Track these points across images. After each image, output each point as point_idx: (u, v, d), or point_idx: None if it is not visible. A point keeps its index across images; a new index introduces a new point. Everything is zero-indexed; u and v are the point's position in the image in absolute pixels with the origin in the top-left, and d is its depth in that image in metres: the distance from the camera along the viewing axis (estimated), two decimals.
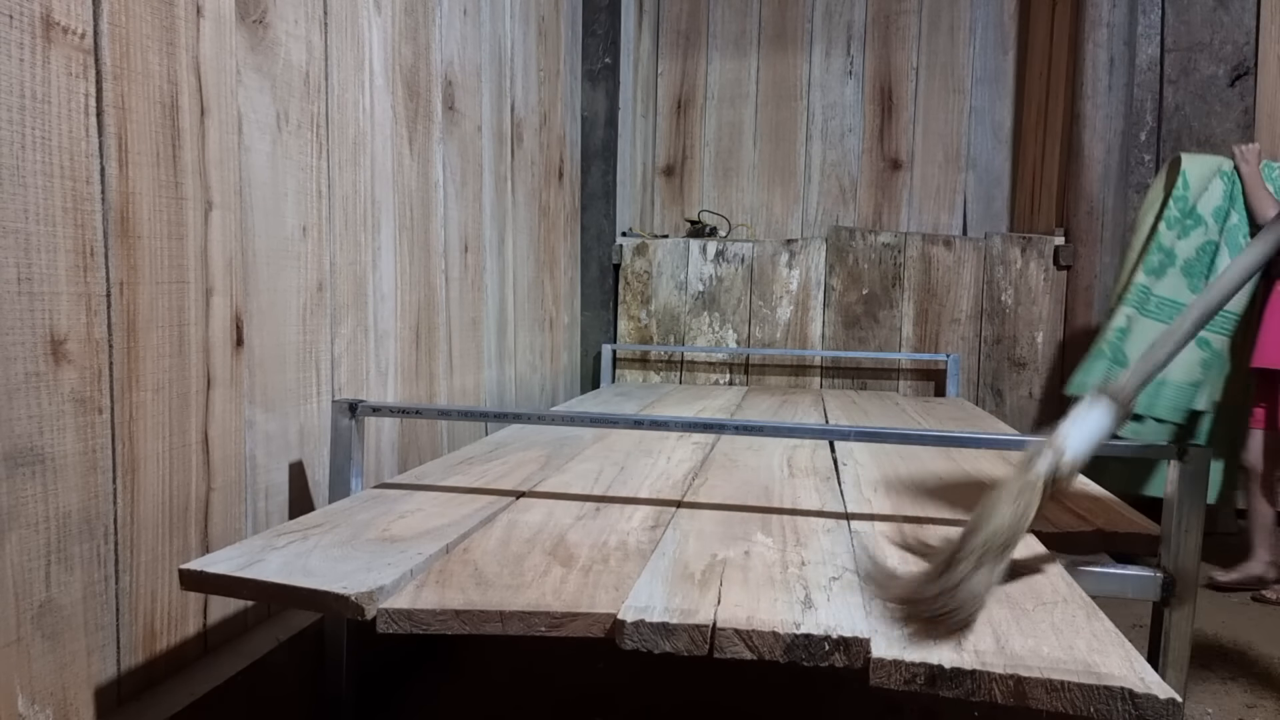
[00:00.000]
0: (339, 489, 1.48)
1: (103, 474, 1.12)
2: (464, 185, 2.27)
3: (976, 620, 0.92)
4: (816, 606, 0.96)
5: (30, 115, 1.00)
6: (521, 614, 0.95)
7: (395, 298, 1.90)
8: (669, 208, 4.04)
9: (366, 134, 1.76)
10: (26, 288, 1.00)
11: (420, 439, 2.02)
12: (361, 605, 0.94)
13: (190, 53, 1.26)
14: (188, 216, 1.26)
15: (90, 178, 1.09)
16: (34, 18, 1.00)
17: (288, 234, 1.50)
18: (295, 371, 1.53)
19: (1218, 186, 2.56)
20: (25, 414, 1.00)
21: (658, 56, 3.99)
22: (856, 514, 1.39)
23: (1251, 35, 3.19)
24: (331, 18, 1.62)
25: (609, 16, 3.37)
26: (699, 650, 0.90)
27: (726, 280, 3.43)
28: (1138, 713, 0.79)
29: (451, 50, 2.16)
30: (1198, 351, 2.50)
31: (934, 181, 3.78)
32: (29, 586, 1.01)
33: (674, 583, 1.03)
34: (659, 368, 3.54)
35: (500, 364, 2.57)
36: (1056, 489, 1.03)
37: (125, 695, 1.16)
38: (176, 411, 1.25)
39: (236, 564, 1.04)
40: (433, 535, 1.19)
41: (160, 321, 1.21)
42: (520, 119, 2.69)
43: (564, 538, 1.22)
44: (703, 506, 1.42)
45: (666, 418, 1.47)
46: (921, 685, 0.84)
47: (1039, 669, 0.83)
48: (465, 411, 1.61)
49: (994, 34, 3.72)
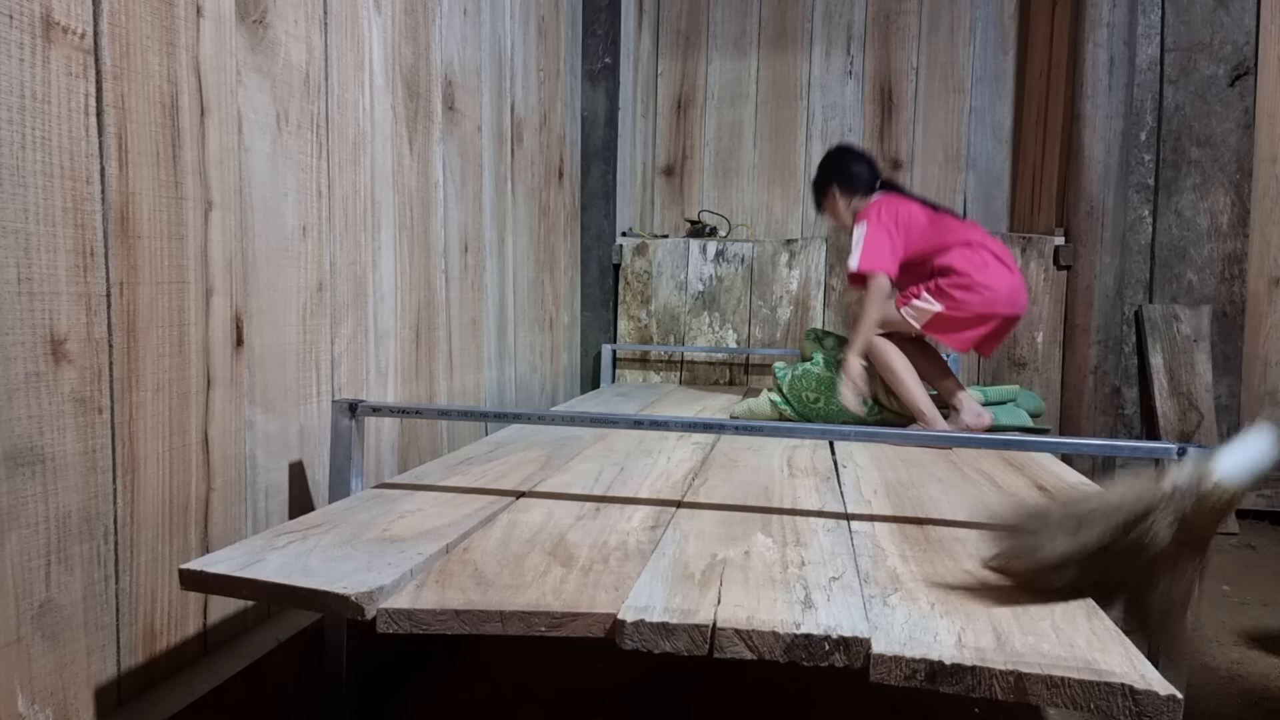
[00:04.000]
0: (339, 489, 1.48)
1: (103, 474, 1.12)
2: (464, 185, 2.27)
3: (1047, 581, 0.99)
4: (816, 606, 0.96)
5: (30, 115, 1.00)
6: (521, 614, 0.95)
7: (395, 298, 1.90)
8: (669, 208, 4.04)
9: (366, 134, 1.76)
10: (26, 288, 1.00)
11: (420, 439, 2.02)
12: (361, 605, 0.94)
13: (190, 53, 1.26)
14: (188, 216, 1.26)
15: (90, 178, 1.09)
16: (34, 18, 1.00)
17: (288, 234, 1.50)
18: (295, 371, 1.53)
19: None
20: (25, 414, 1.00)
21: (658, 56, 3.99)
22: (856, 514, 1.39)
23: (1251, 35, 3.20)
24: (331, 18, 1.62)
25: (609, 16, 3.37)
26: (699, 650, 0.91)
27: (726, 280, 3.43)
28: (1138, 709, 0.79)
29: (451, 50, 2.16)
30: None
31: (934, 181, 3.78)
32: (29, 586, 1.02)
33: (674, 583, 1.03)
34: (659, 368, 3.54)
35: (500, 364, 2.57)
36: (1198, 506, 0.95)
37: (125, 695, 1.16)
38: (176, 411, 1.25)
39: (236, 564, 1.04)
40: (433, 535, 1.19)
41: (160, 321, 1.21)
42: (520, 119, 2.69)
43: (564, 538, 1.22)
44: (703, 506, 1.42)
45: (666, 418, 1.47)
46: (922, 681, 0.84)
47: (1039, 665, 0.83)
48: (465, 411, 1.61)
49: (994, 34, 3.72)
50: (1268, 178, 3.23)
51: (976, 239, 2.19)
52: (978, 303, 2.13)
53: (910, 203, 2.28)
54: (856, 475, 1.69)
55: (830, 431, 1.66)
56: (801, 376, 2.38)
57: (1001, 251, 2.20)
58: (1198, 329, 3.23)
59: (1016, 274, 2.22)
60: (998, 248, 2.20)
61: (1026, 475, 1.71)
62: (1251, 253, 3.24)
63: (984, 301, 2.13)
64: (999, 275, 2.15)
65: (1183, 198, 3.29)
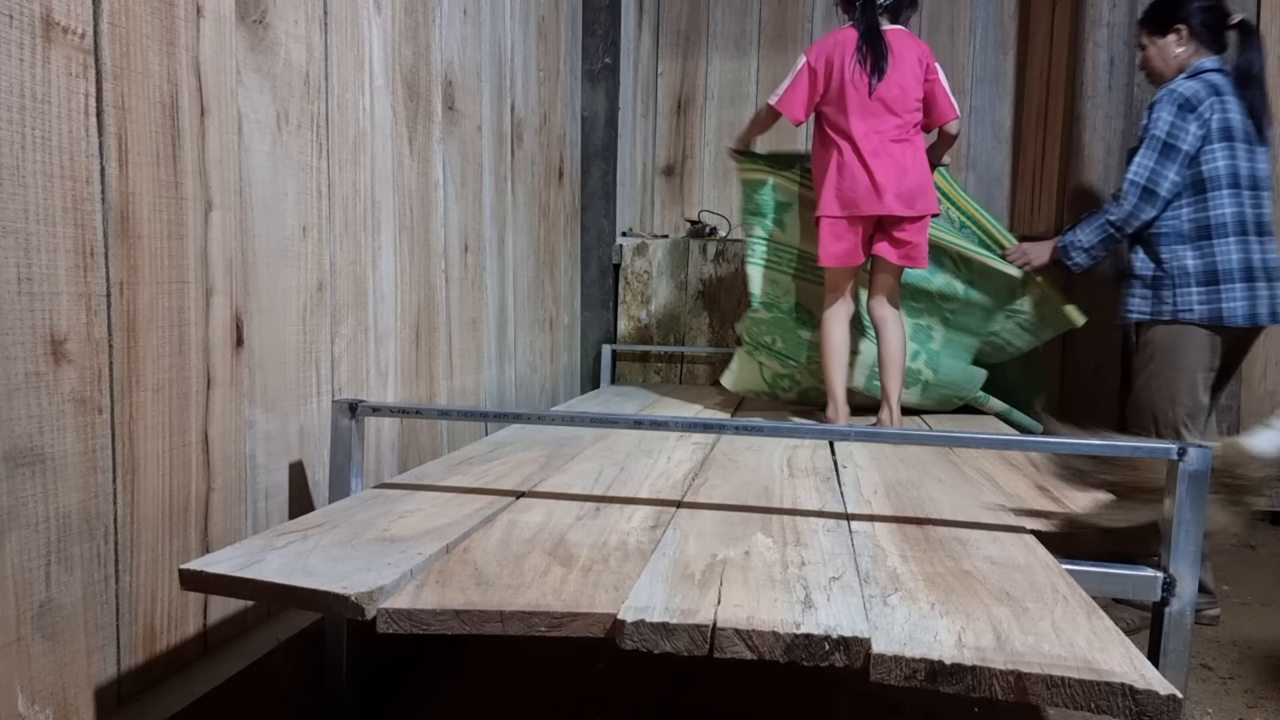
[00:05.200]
0: (339, 489, 1.48)
1: (103, 474, 1.12)
2: (464, 185, 2.27)
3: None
4: (816, 606, 0.96)
5: (30, 115, 1.00)
6: (521, 614, 0.95)
7: (395, 298, 1.90)
8: (669, 208, 4.04)
9: (366, 134, 1.76)
10: (26, 288, 1.00)
11: (420, 439, 2.02)
12: (361, 605, 0.94)
13: (190, 53, 1.26)
14: (188, 216, 1.26)
15: (90, 178, 1.09)
16: (34, 18, 1.00)
17: (288, 234, 1.50)
18: (295, 371, 1.53)
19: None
20: (25, 414, 1.00)
21: (658, 56, 3.99)
22: (856, 514, 1.39)
23: None
24: (331, 18, 1.62)
25: (609, 16, 3.37)
26: (699, 650, 0.90)
27: (726, 280, 3.43)
28: (1138, 708, 0.79)
29: (451, 50, 2.16)
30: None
31: None
32: (29, 586, 1.02)
33: (674, 583, 1.03)
34: (659, 368, 3.54)
35: (500, 364, 2.57)
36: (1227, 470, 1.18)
37: (125, 695, 1.16)
38: (176, 411, 1.25)
39: (236, 564, 1.04)
40: (433, 535, 1.19)
41: (160, 321, 1.21)
42: (520, 119, 2.69)
43: (564, 538, 1.22)
44: (703, 506, 1.42)
45: (666, 418, 1.47)
46: (922, 681, 0.84)
47: (1039, 665, 0.83)
48: (465, 411, 1.61)
49: (994, 34, 3.72)
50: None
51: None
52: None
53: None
54: (856, 475, 1.69)
55: (830, 431, 1.66)
56: (750, 325, 2.45)
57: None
58: None
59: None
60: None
61: (1026, 475, 1.71)
62: None
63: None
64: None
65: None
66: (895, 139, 2.13)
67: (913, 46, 2.18)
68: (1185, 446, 1.24)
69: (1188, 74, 2.10)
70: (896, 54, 2.14)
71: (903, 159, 2.13)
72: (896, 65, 2.14)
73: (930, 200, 2.16)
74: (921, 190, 2.14)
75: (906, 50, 2.16)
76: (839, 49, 2.17)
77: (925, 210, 2.15)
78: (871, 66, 2.13)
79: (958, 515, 1.40)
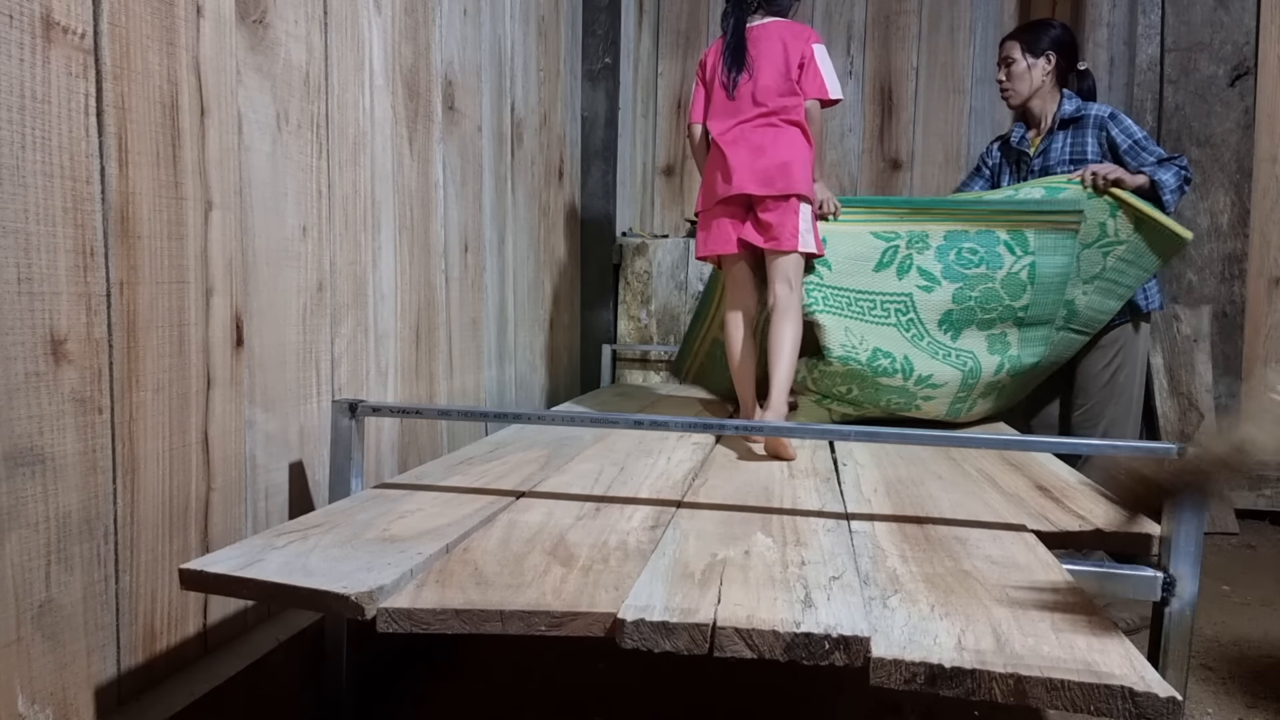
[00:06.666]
0: (339, 489, 1.48)
1: (103, 474, 1.12)
2: (464, 185, 2.27)
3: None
4: (816, 606, 0.96)
5: (30, 115, 1.00)
6: (521, 613, 0.95)
7: (395, 298, 1.90)
8: (669, 208, 4.04)
9: (366, 134, 1.76)
10: (26, 288, 1.00)
11: (420, 439, 2.02)
12: (361, 605, 0.94)
13: (190, 53, 1.26)
14: (188, 216, 1.26)
15: (90, 178, 1.09)
16: (34, 18, 1.00)
17: (288, 234, 1.50)
18: (295, 371, 1.53)
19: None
20: (25, 414, 1.00)
21: (658, 56, 3.99)
22: (856, 514, 1.39)
23: (1251, 35, 3.19)
24: (331, 18, 1.62)
25: (609, 16, 3.37)
26: (699, 649, 0.90)
27: None
28: (1138, 711, 0.79)
29: (451, 50, 2.16)
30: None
31: (934, 181, 3.78)
32: (29, 586, 1.02)
33: (674, 582, 1.03)
34: (659, 368, 3.53)
35: (500, 364, 2.57)
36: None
37: (125, 695, 1.16)
38: (176, 411, 1.25)
39: (236, 564, 1.04)
40: (433, 535, 1.19)
41: (160, 321, 1.21)
42: (520, 119, 2.69)
43: (564, 537, 1.22)
44: (703, 506, 1.42)
45: (666, 418, 1.47)
46: (922, 684, 0.84)
47: (1039, 668, 0.83)
48: (465, 411, 1.61)
49: (994, 34, 3.72)
50: (1268, 178, 3.23)
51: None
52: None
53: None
54: (856, 474, 1.69)
55: (830, 431, 1.66)
56: (820, 378, 2.25)
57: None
58: (1198, 329, 3.23)
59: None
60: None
61: (1026, 475, 1.71)
62: (1251, 253, 3.24)
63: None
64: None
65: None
66: (757, 126, 2.09)
67: (784, 37, 2.12)
68: (1185, 447, 1.24)
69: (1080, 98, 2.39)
70: (762, 48, 2.11)
71: (760, 141, 2.07)
72: (760, 59, 2.11)
73: (796, 182, 2.04)
74: (783, 170, 2.04)
75: (773, 42, 2.12)
76: (714, 52, 2.18)
77: (787, 190, 2.04)
78: (730, 65, 2.13)
79: (958, 513, 1.40)
